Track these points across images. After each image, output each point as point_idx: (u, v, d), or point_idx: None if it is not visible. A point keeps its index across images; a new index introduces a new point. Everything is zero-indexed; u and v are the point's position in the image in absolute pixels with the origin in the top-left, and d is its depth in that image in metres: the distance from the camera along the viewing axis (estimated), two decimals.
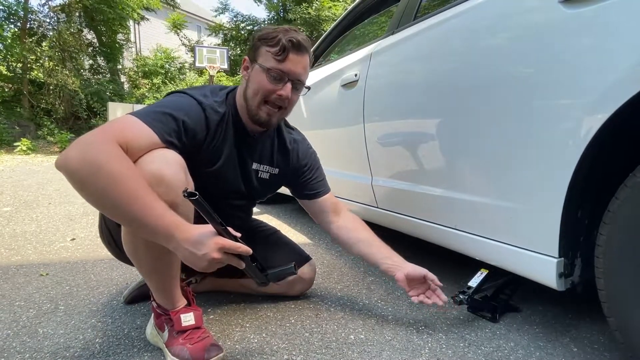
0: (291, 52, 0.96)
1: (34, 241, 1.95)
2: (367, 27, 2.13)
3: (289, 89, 0.98)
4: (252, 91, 0.99)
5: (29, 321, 1.11)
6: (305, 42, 0.98)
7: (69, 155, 0.73)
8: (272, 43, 0.96)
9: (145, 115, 0.86)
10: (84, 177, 0.72)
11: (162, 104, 0.92)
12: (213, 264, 0.78)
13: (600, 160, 0.83)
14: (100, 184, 0.72)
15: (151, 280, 0.93)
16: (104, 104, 10.71)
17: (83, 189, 0.74)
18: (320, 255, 1.78)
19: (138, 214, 0.74)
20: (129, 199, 0.73)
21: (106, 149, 0.75)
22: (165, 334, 0.94)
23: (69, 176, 0.73)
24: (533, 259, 0.94)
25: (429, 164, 1.27)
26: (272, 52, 0.95)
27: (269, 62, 0.96)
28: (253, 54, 1.00)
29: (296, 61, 0.97)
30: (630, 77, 0.71)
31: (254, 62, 0.99)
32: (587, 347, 0.99)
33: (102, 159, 0.73)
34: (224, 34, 12.77)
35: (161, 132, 0.85)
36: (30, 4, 10.22)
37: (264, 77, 0.96)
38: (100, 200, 0.75)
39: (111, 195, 0.73)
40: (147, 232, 0.78)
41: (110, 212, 0.78)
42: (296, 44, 0.96)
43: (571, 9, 0.81)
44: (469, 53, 1.10)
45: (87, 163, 0.72)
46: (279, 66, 0.96)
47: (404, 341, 1.02)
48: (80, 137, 0.77)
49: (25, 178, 4.51)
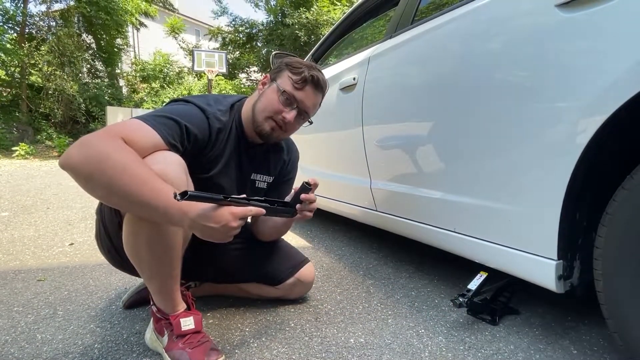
0: (309, 85, 1.04)
1: (32, 246, 1.94)
2: (365, 30, 2.14)
3: (293, 115, 1.04)
4: (262, 105, 1.04)
5: (27, 327, 1.11)
6: (323, 83, 1.07)
7: (72, 152, 0.74)
8: (296, 72, 1.03)
9: (149, 118, 0.88)
10: (91, 171, 0.73)
11: (165, 110, 0.94)
12: (231, 233, 0.80)
13: (598, 162, 0.83)
14: (108, 174, 0.73)
15: (152, 283, 0.93)
16: (102, 108, 10.72)
17: (90, 183, 0.75)
18: (319, 259, 1.78)
19: (149, 197, 0.74)
20: (138, 184, 0.74)
21: (109, 142, 0.76)
22: (164, 338, 0.94)
23: (75, 173, 0.74)
24: (532, 261, 0.94)
25: (428, 167, 1.28)
26: (292, 79, 1.03)
27: (286, 86, 1.03)
28: (275, 74, 1.07)
29: (310, 95, 1.05)
30: (627, 79, 0.71)
31: (273, 81, 1.05)
32: (587, 349, 0.99)
33: (106, 151, 0.74)
34: (223, 38, 12.81)
35: (165, 135, 0.87)
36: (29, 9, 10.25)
37: (276, 97, 1.03)
38: (109, 191, 0.75)
39: (120, 184, 0.73)
40: (159, 215, 0.77)
41: (120, 201, 0.78)
42: (316, 80, 1.04)
43: (567, 13, 0.82)
44: (466, 56, 1.11)
45: (91, 157, 0.73)
46: (293, 92, 1.03)
47: (403, 344, 1.02)
48: (83, 137, 0.78)
49: (23, 183, 4.50)
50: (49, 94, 10.12)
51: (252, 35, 12.45)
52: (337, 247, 1.98)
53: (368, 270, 1.62)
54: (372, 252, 1.88)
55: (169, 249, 0.88)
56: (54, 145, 9.36)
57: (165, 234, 0.86)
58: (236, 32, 12.56)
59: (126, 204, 0.78)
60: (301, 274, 1.24)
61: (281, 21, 11.43)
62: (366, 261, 1.74)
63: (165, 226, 0.85)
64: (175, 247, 0.89)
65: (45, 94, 10.15)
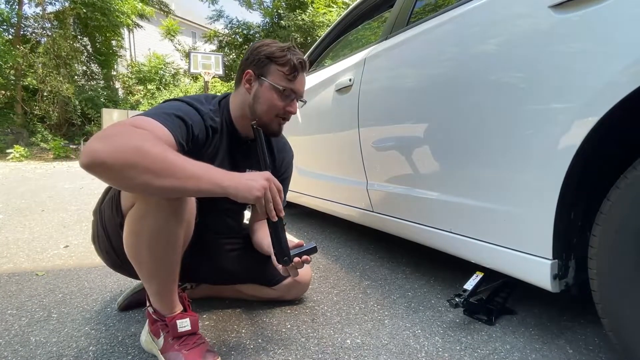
0: (299, 71, 1.04)
1: (26, 249, 1.92)
2: (361, 32, 2.14)
3: (296, 105, 1.06)
4: (264, 107, 1.03)
5: (21, 329, 1.10)
6: (307, 63, 1.07)
7: (97, 147, 0.69)
8: (282, 62, 1.01)
9: (159, 116, 0.84)
10: (127, 159, 0.69)
11: (169, 107, 0.91)
12: (260, 193, 0.81)
13: (592, 162, 0.84)
14: (146, 163, 0.70)
15: (151, 283, 0.93)
16: (98, 111, 10.67)
17: (130, 172, 0.70)
18: (316, 260, 1.78)
19: (194, 177, 0.75)
20: (179, 169, 0.74)
21: (134, 132, 0.75)
22: (160, 340, 0.93)
23: (106, 169, 0.69)
24: (527, 261, 0.95)
25: (424, 167, 1.28)
26: (284, 72, 1.01)
27: (281, 82, 1.02)
28: (260, 70, 1.03)
29: (302, 80, 1.06)
30: (620, 79, 0.72)
31: (262, 78, 1.03)
32: (583, 348, 0.99)
33: (137, 142, 0.72)
34: (219, 40, 12.80)
35: (176, 134, 0.84)
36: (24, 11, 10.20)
37: (275, 95, 1.02)
38: (150, 179, 0.71)
39: (161, 171, 0.71)
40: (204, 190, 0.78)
41: (160, 188, 0.74)
42: (304, 64, 1.04)
43: (560, 14, 0.83)
44: (461, 58, 1.11)
45: (123, 150, 0.70)
46: (290, 85, 1.03)
47: (400, 345, 1.02)
48: (98, 133, 0.73)
49: (18, 185, 4.47)
50: (44, 96, 10.07)
51: (248, 37, 12.45)
52: (334, 248, 1.97)
53: (364, 271, 1.62)
54: (369, 253, 1.88)
55: (169, 249, 0.88)
56: (49, 148, 9.31)
57: (167, 234, 0.86)
58: (232, 34, 12.57)
59: (168, 189, 0.74)
60: (298, 275, 1.23)
61: (277, 23, 11.45)
62: (363, 262, 1.74)
63: (167, 227, 0.85)
64: (175, 247, 0.89)
65: (40, 96, 10.10)
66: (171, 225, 0.86)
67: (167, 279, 0.92)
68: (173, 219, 0.86)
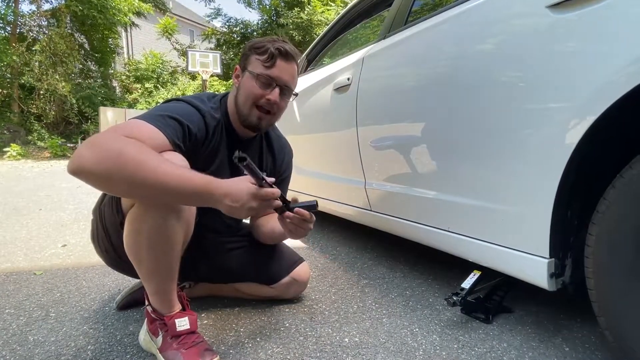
0: (279, 59, 1.01)
1: (24, 248, 1.92)
2: (359, 31, 2.14)
3: (276, 94, 1.03)
4: (243, 97, 1.04)
5: (19, 329, 1.10)
6: (292, 51, 1.04)
7: (84, 154, 0.74)
8: (261, 51, 1.02)
9: (152, 118, 0.87)
10: (108, 168, 0.73)
11: (165, 109, 0.94)
12: (251, 213, 0.83)
13: (589, 161, 0.84)
14: (129, 169, 0.73)
15: (150, 282, 0.93)
16: (95, 109, 10.61)
17: (110, 181, 0.75)
18: (314, 259, 1.78)
19: (174, 184, 0.76)
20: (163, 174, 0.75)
21: (119, 139, 0.77)
22: (159, 339, 0.94)
23: (91, 175, 0.74)
24: (524, 259, 0.95)
25: (422, 167, 1.28)
26: (261, 60, 1.01)
27: (258, 69, 1.02)
28: (244, 62, 1.05)
29: (284, 68, 1.03)
30: (617, 79, 0.72)
31: (245, 70, 1.04)
32: (579, 346, 1.00)
33: (119, 146, 0.75)
34: (217, 39, 12.76)
35: (170, 135, 0.87)
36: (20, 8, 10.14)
37: (254, 83, 1.02)
38: (132, 184, 0.75)
39: (143, 175, 0.74)
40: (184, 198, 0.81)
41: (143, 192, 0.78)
42: (284, 52, 1.01)
43: (558, 14, 0.83)
44: (459, 57, 1.12)
45: (106, 155, 0.73)
46: (267, 72, 1.01)
47: (398, 343, 1.02)
48: (88, 139, 0.78)
49: (15, 184, 4.45)
50: (41, 95, 10.01)
51: (246, 36, 12.42)
52: (332, 247, 1.98)
53: (363, 270, 1.62)
54: (367, 251, 1.89)
55: (169, 248, 0.89)
56: (46, 146, 9.26)
57: (167, 233, 0.87)
58: (230, 32, 12.53)
59: (151, 194, 0.78)
60: (296, 273, 1.24)
61: (275, 21, 11.42)
62: (361, 261, 1.75)
63: (166, 226, 0.86)
64: (175, 246, 0.90)
65: (37, 95, 10.04)
66: (171, 224, 0.86)
67: (166, 278, 0.92)
68: (173, 218, 0.86)
